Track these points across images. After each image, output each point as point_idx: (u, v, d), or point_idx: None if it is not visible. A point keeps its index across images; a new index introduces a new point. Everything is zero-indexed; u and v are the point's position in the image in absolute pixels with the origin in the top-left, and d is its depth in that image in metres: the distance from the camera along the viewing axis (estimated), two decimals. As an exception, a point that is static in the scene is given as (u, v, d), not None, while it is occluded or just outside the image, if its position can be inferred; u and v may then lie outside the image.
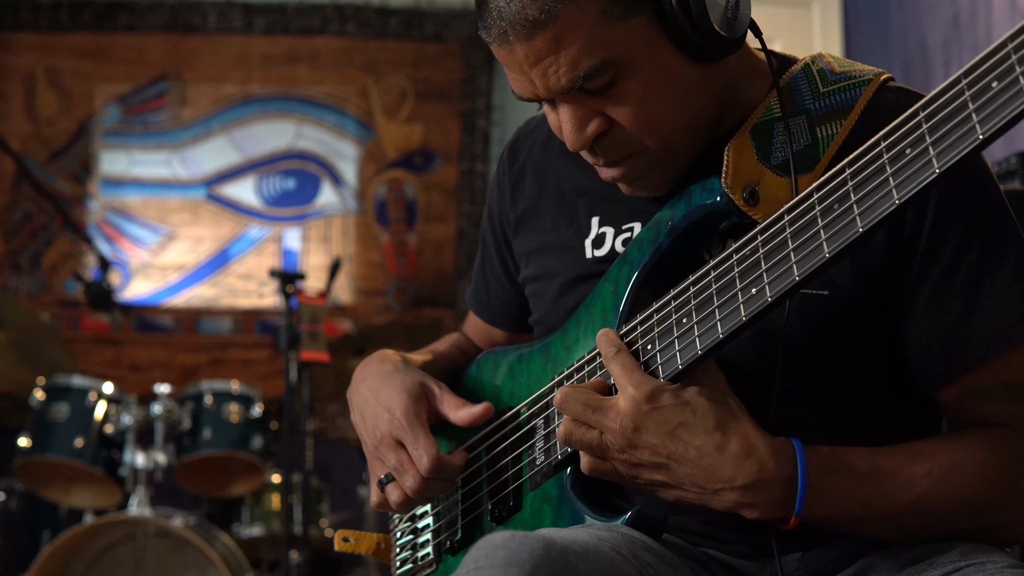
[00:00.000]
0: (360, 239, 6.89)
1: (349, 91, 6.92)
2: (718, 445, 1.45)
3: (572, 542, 1.35)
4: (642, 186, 1.65)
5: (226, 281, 6.75)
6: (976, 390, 1.59)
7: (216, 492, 5.29)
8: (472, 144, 7.02)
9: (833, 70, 1.68)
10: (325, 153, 6.88)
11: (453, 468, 1.77)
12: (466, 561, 1.33)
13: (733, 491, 1.46)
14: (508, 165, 1.96)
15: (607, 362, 1.51)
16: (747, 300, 1.44)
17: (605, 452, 1.49)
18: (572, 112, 1.56)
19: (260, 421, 5.20)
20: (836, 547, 1.59)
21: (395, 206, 6.93)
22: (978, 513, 1.55)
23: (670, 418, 1.45)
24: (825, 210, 1.38)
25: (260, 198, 6.81)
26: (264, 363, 6.66)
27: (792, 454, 1.47)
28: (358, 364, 5.43)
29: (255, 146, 6.82)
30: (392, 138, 6.95)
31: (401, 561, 1.97)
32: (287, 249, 6.81)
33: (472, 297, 2.13)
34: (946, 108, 1.29)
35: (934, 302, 1.58)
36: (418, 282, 6.93)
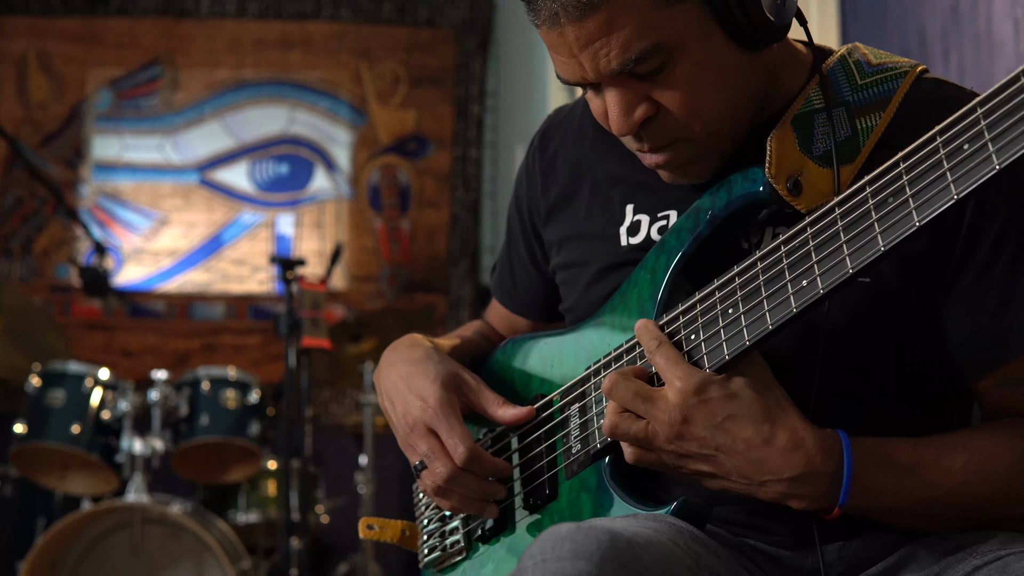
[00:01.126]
0: (353, 225, 6.87)
1: (342, 76, 6.89)
2: (766, 438, 1.44)
3: (635, 534, 1.34)
4: (685, 173, 1.64)
5: (219, 266, 6.72)
6: (1013, 380, 1.59)
7: (212, 479, 5.27)
8: (465, 130, 7.01)
9: (869, 62, 1.67)
10: (318, 138, 6.85)
11: (488, 463, 1.76)
12: (531, 553, 1.32)
13: (780, 483, 1.46)
14: (539, 154, 1.95)
15: (650, 355, 1.50)
16: (797, 292, 1.43)
17: (652, 442, 1.48)
18: (620, 96, 1.54)
19: (257, 407, 5.18)
20: (876, 537, 1.59)
21: (388, 192, 6.92)
22: (1016, 501, 1.56)
23: (718, 410, 1.44)
24: (879, 203, 1.37)
25: (253, 183, 6.79)
26: (257, 349, 6.65)
27: (839, 447, 1.47)
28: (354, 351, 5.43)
29: (248, 131, 6.79)
30: (385, 123, 6.93)
31: (429, 549, 1.96)
32: (280, 235, 6.79)
33: (497, 286, 2.11)
34: (1006, 105, 1.28)
35: (974, 293, 1.59)
36: (411, 268, 6.91)
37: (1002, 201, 1.57)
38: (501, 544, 1.81)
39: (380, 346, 5.69)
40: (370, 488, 5.65)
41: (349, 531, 5.91)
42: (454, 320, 6.89)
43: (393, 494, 6.54)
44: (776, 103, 1.66)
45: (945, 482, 1.52)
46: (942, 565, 1.52)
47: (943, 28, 4.80)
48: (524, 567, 1.31)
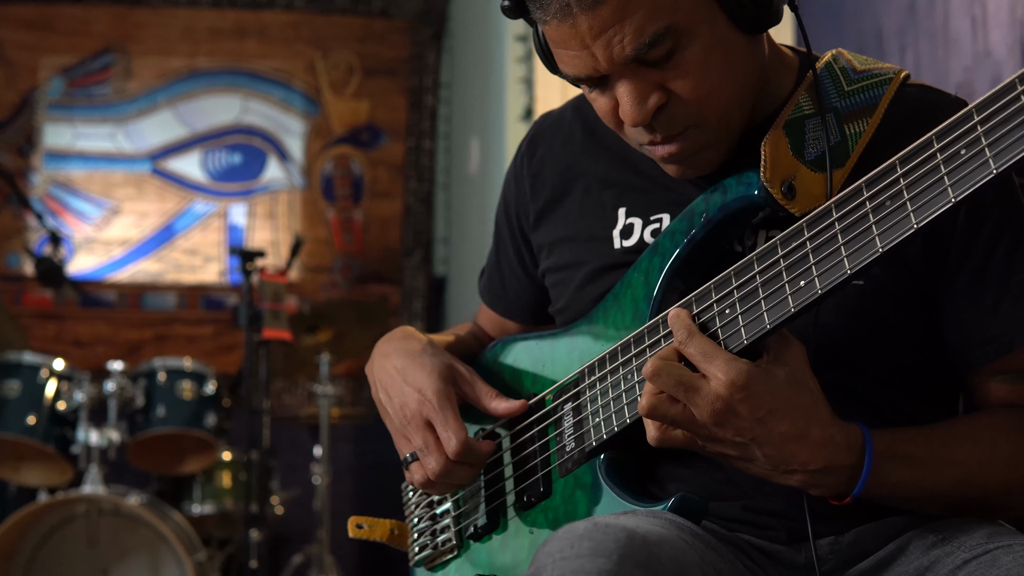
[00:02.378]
0: (306, 215, 6.86)
1: (296, 66, 6.88)
2: (801, 433, 1.47)
3: (648, 531, 1.36)
4: (694, 163, 1.65)
5: (171, 256, 6.69)
6: (1007, 374, 1.65)
7: (168, 470, 5.26)
8: (419, 121, 7.01)
9: (855, 68, 1.70)
10: (271, 128, 6.83)
11: (480, 454, 1.77)
12: (548, 551, 1.33)
13: (804, 473, 1.49)
14: (527, 159, 1.96)
15: (682, 345, 1.50)
16: (795, 292, 1.45)
17: (686, 427, 1.49)
18: (632, 86, 1.55)
19: (213, 398, 5.17)
20: (868, 532, 1.62)
21: (342, 182, 6.91)
22: (1015, 488, 1.62)
23: (760, 405, 1.45)
24: (877, 206, 1.39)
25: (206, 173, 6.76)
26: (209, 339, 6.62)
27: (861, 441, 1.51)
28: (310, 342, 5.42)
29: (201, 120, 6.76)
30: (339, 114, 6.92)
31: (420, 547, 1.96)
32: (233, 225, 6.76)
33: (486, 290, 2.12)
34: (1003, 112, 1.30)
35: (970, 291, 1.63)
36: (364, 259, 6.91)
37: (994, 200, 1.62)
38: (493, 541, 1.83)
39: (336, 337, 5.69)
40: (325, 480, 5.65)
41: (303, 522, 5.93)
42: (407, 311, 6.89)
43: (346, 485, 6.54)
44: (767, 104, 1.68)
45: (953, 472, 1.57)
46: (931, 558, 1.56)
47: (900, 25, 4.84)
48: (542, 564, 1.32)
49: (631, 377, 1.63)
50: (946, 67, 3.81)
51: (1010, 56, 3.82)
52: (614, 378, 1.66)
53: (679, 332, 1.50)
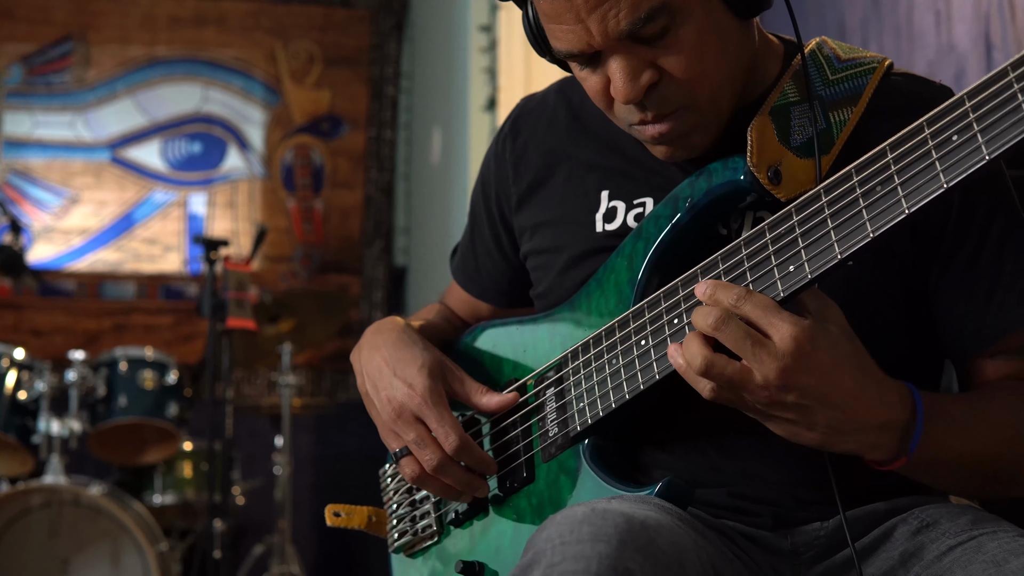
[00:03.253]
0: (266, 204, 6.83)
1: (257, 55, 6.85)
2: (862, 388, 1.44)
3: (646, 516, 1.35)
4: (684, 145, 1.65)
5: (130, 246, 6.65)
6: (1009, 351, 1.66)
7: (129, 460, 5.24)
8: (380, 110, 7.00)
9: (839, 57, 1.71)
10: (232, 117, 6.80)
11: (476, 455, 1.77)
12: (547, 536, 1.32)
13: (863, 432, 1.46)
14: (510, 141, 1.95)
15: (739, 304, 1.42)
16: (784, 276, 1.45)
17: (745, 385, 1.43)
18: (625, 63, 1.55)
19: (175, 388, 5.15)
20: (852, 518, 1.62)
21: (302, 172, 6.89)
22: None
23: (826, 361, 1.41)
24: (867, 191, 1.39)
25: (165, 162, 6.72)
26: (168, 329, 6.59)
27: (911, 396, 1.50)
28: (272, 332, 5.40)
29: (160, 109, 6.73)
30: (300, 103, 6.90)
31: (399, 533, 1.96)
32: (192, 214, 6.73)
33: (459, 270, 2.11)
34: (996, 98, 1.31)
35: (962, 282, 1.65)
36: (324, 248, 6.89)
37: (984, 190, 1.64)
38: (475, 527, 1.82)
39: (298, 327, 5.67)
40: (287, 470, 5.63)
41: (264, 512, 5.91)
42: (367, 301, 6.88)
43: (306, 475, 6.53)
44: (753, 90, 1.69)
45: (991, 435, 1.57)
46: (916, 544, 1.56)
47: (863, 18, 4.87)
48: (541, 550, 1.31)
49: (616, 361, 1.63)
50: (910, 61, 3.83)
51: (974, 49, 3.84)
52: (598, 362, 1.66)
53: (730, 292, 1.43)
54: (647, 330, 1.60)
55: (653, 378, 1.57)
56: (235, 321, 4.52)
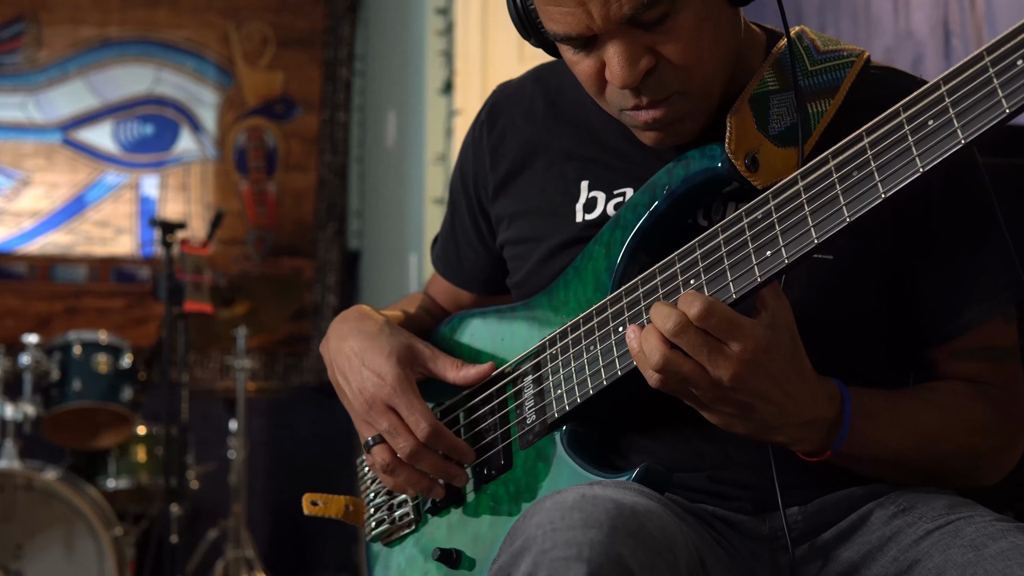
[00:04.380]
0: (219, 187, 6.80)
1: (209, 36, 6.80)
2: (798, 389, 1.49)
3: (635, 502, 1.36)
4: (675, 131, 1.65)
5: (82, 228, 6.60)
6: (962, 352, 1.70)
7: (83, 444, 5.20)
8: (334, 93, 6.97)
9: (818, 49, 1.72)
10: (184, 99, 6.76)
11: (446, 438, 1.77)
12: (538, 523, 1.32)
13: (794, 428, 1.51)
14: (487, 128, 1.94)
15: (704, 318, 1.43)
16: (761, 262, 1.46)
17: (696, 384, 1.46)
18: (624, 47, 1.55)
19: (129, 372, 5.12)
20: (829, 502, 1.64)
21: (255, 154, 6.85)
22: (970, 458, 1.69)
23: (774, 366, 1.46)
24: (843, 176, 1.40)
25: (117, 144, 6.67)
26: (120, 312, 6.55)
27: (840, 394, 1.55)
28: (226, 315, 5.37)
29: (113, 90, 6.67)
30: (253, 85, 6.86)
31: (376, 522, 1.95)
32: (144, 196, 6.68)
33: (439, 259, 2.10)
34: (971, 83, 1.32)
35: (934, 273, 1.68)
36: (277, 231, 6.87)
37: (959, 184, 1.67)
38: (452, 515, 1.82)
39: (252, 311, 5.65)
40: (242, 454, 5.61)
41: (218, 497, 5.89)
42: (320, 284, 6.86)
43: (260, 459, 6.51)
44: (739, 79, 1.69)
45: (918, 434, 1.62)
46: (893, 528, 1.58)
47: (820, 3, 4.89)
48: (531, 536, 1.31)
49: (593, 348, 1.63)
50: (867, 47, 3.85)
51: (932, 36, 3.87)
52: (576, 349, 1.66)
53: (695, 304, 1.45)
54: (624, 316, 1.60)
55: (630, 365, 1.58)
56: (192, 305, 4.50)
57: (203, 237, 5.20)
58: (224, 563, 5.53)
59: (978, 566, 1.44)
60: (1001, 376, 1.72)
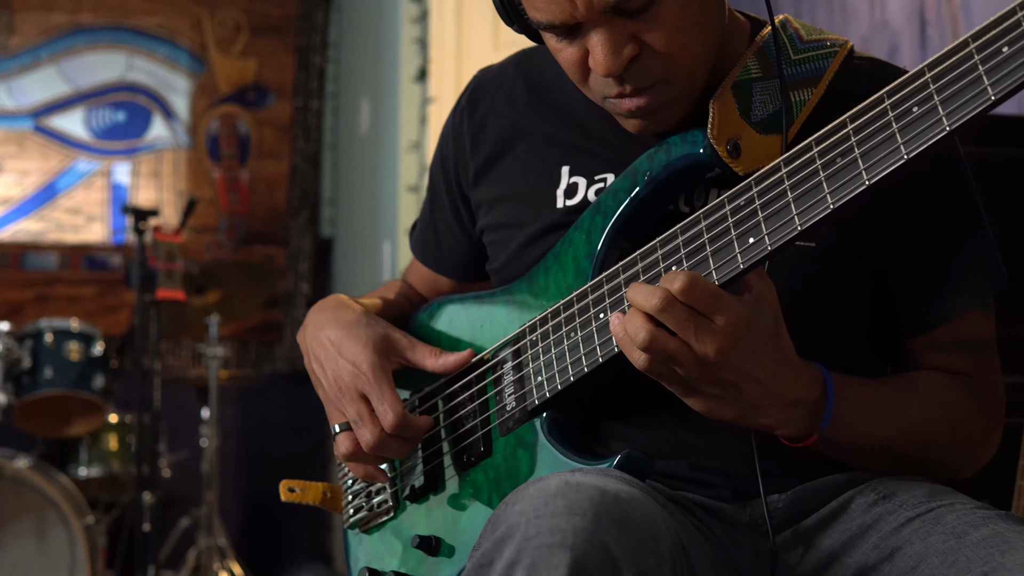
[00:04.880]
0: (191, 174, 6.77)
1: (182, 23, 6.76)
2: (782, 368, 1.49)
3: (618, 489, 1.35)
4: (658, 119, 1.65)
5: (53, 215, 6.56)
6: (940, 343, 1.71)
7: (54, 432, 5.17)
8: (307, 80, 6.95)
9: (802, 38, 1.71)
10: (156, 86, 6.73)
11: (417, 428, 1.76)
12: (521, 510, 1.31)
13: (778, 408, 1.51)
14: (468, 114, 1.93)
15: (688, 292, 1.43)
16: (744, 249, 1.46)
17: (682, 362, 1.45)
18: (608, 35, 1.55)
19: (101, 360, 5.09)
20: (810, 489, 1.64)
21: (227, 142, 6.82)
22: (950, 448, 1.69)
23: (759, 343, 1.46)
24: (827, 163, 1.40)
25: (89, 131, 6.64)
26: (92, 300, 6.52)
27: (822, 376, 1.56)
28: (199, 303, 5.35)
29: (84, 77, 6.63)
30: (225, 72, 6.83)
31: (355, 509, 1.94)
32: (116, 183, 6.65)
33: (418, 244, 2.09)
34: (956, 69, 1.32)
35: (915, 264, 1.69)
36: (250, 219, 6.84)
37: (942, 175, 1.68)
38: (432, 502, 1.81)
39: (225, 298, 5.63)
40: (214, 442, 5.60)
41: (190, 485, 5.87)
42: (293, 272, 6.84)
43: (232, 448, 6.49)
44: (722, 66, 1.69)
45: (899, 422, 1.63)
46: (874, 516, 1.58)
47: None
48: (514, 523, 1.31)
49: (574, 335, 1.63)
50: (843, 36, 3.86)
51: (907, 26, 3.88)
52: (556, 336, 1.65)
53: (678, 279, 1.43)
54: (605, 302, 1.60)
55: (612, 351, 1.57)
56: (165, 292, 4.48)
57: (176, 224, 5.17)
58: (196, 551, 5.52)
59: (959, 553, 1.44)
60: (979, 368, 1.73)
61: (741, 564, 1.64)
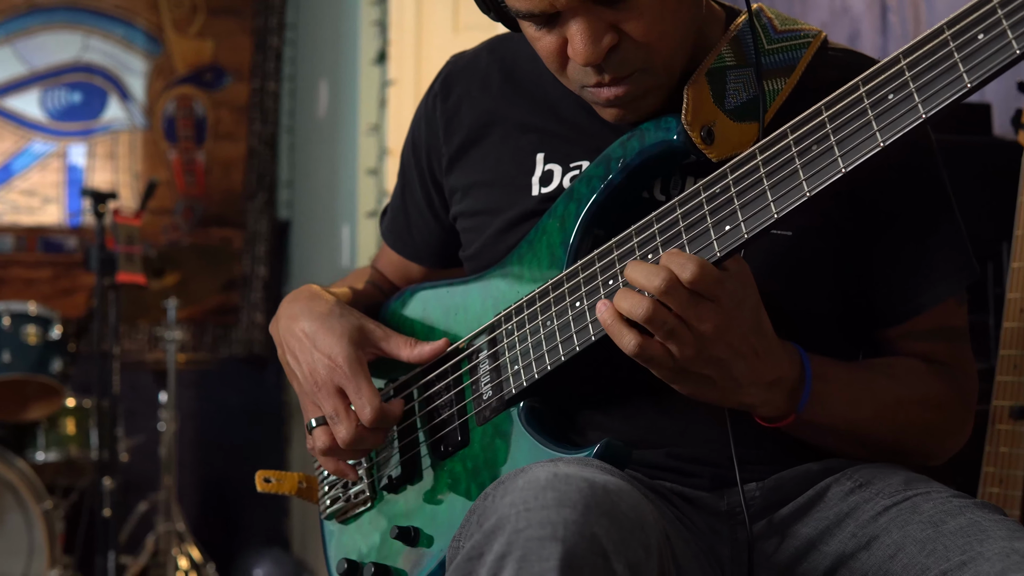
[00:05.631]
0: (147, 156, 6.72)
1: (139, 3, 6.70)
2: (764, 346, 1.51)
3: (606, 481, 1.35)
4: (635, 108, 1.65)
5: (8, 197, 6.50)
6: (917, 332, 1.74)
7: (11, 416, 5.12)
8: (264, 62, 6.90)
9: (775, 28, 1.72)
10: (113, 66, 6.66)
11: (393, 417, 1.76)
12: (511, 502, 1.31)
13: (757, 386, 1.53)
14: (441, 100, 1.92)
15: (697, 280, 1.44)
16: (720, 237, 1.46)
17: (678, 338, 1.46)
18: (587, 24, 1.55)
19: (59, 343, 5.05)
20: (787, 477, 1.66)
21: (184, 123, 6.78)
22: (925, 433, 1.72)
23: (746, 320, 1.48)
24: (803, 150, 1.41)
25: (44, 111, 6.57)
26: (47, 283, 6.46)
27: (798, 355, 1.58)
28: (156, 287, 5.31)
29: (40, 57, 6.56)
30: (182, 53, 6.78)
31: (331, 500, 1.93)
32: (72, 165, 6.59)
33: (389, 231, 2.08)
34: (931, 57, 1.33)
35: (890, 253, 1.71)
36: (206, 201, 6.80)
37: (916, 166, 1.70)
38: (409, 492, 1.81)
39: (182, 282, 5.61)
40: (172, 426, 5.57)
41: (148, 470, 5.84)
42: (250, 255, 6.81)
43: (189, 432, 6.46)
44: (698, 55, 1.69)
45: (873, 404, 1.66)
46: (850, 504, 1.60)
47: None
48: (504, 515, 1.30)
49: (550, 323, 1.63)
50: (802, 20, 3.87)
51: (868, 12, 3.90)
52: (532, 324, 1.65)
53: (687, 268, 1.43)
54: (582, 291, 1.60)
55: (589, 340, 1.58)
56: (125, 275, 4.46)
57: (134, 207, 5.13)
58: (155, 536, 5.50)
59: (937, 542, 1.46)
60: (954, 356, 1.76)
61: (720, 553, 1.65)
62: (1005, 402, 2.51)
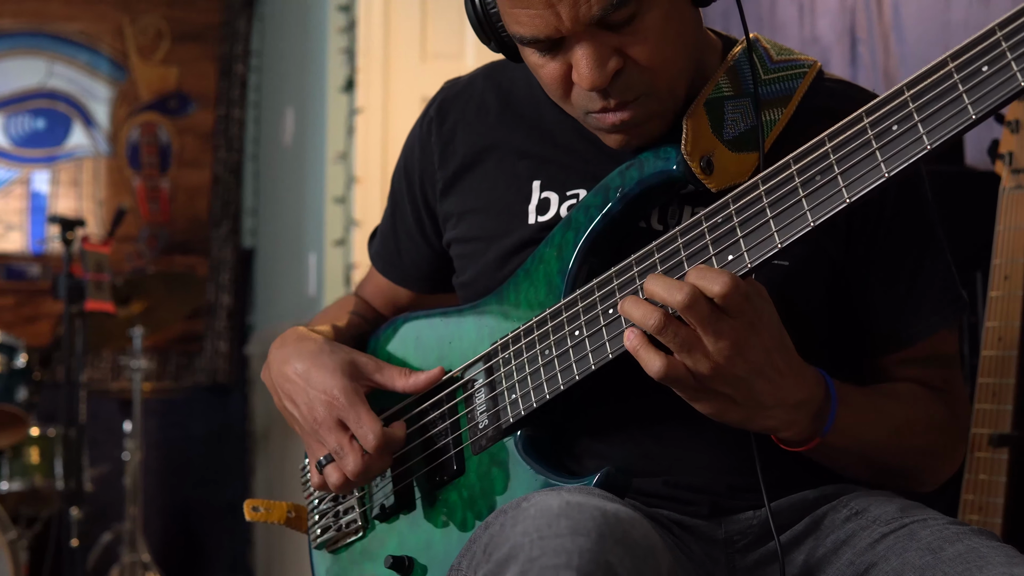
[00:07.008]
0: (111, 183, 6.68)
1: (103, 29, 6.68)
2: (788, 366, 1.50)
3: (617, 509, 1.34)
4: (641, 133, 1.65)
5: (-30, 224, 6.46)
6: (911, 360, 1.75)
7: (-26, 445, 5.07)
8: (229, 89, 6.89)
9: (772, 58, 1.73)
10: (77, 93, 6.63)
11: (396, 441, 1.75)
12: (524, 531, 1.30)
13: (784, 409, 1.52)
14: (436, 125, 1.92)
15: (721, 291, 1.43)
16: (723, 266, 1.47)
17: (698, 356, 1.45)
18: (593, 49, 1.55)
19: (24, 372, 5.01)
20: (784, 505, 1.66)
21: (148, 150, 6.75)
22: (930, 454, 1.75)
23: (768, 336, 1.47)
24: (806, 181, 1.42)
25: (8, 138, 6.53)
26: (10, 310, 6.41)
27: (822, 377, 1.57)
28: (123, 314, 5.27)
29: (3, 83, 6.53)
30: (147, 80, 6.76)
31: (322, 529, 1.92)
32: (35, 192, 6.55)
33: (378, 255, 2.07)
34: (935, 89, 1.34)
35: (883, 283, 1.72)
36: (171, 228, 6.78)
37: (907, 199, 1.71)
38: (401, 521, 1.80)
39: (148, 309, 5.57)
40: (137, 455, 5.53)
41: (113, 499, 5.79)
42: (214, 283, 6.78)
43: (154, 460, 6.42)
44: (697, 82, 1.70)
45: (885, 426, 1.66)
46: (847, 532, 1.60)
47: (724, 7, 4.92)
48: (518, 544, 1.30)
49: (549, 352, 1.63)
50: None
51: (838, 43, 3.93)
52: (530, 353, 1.65)
53: (718, 282, 1.43)
54: (580, 320, 1.60)
55: (588, 369, 1.58)
56: (94, 303, 4.42)
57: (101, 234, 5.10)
58: (120, 567, 5.44)
59: (936, 569, 1.46)
60: (947, 382, 1.78)
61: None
62: (984, 430, 2.52)
